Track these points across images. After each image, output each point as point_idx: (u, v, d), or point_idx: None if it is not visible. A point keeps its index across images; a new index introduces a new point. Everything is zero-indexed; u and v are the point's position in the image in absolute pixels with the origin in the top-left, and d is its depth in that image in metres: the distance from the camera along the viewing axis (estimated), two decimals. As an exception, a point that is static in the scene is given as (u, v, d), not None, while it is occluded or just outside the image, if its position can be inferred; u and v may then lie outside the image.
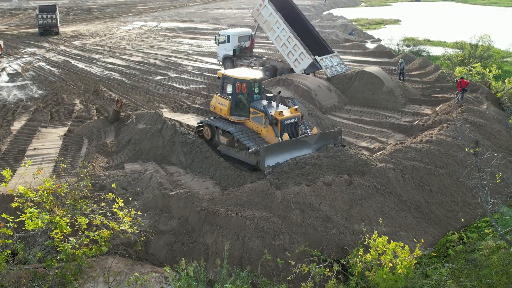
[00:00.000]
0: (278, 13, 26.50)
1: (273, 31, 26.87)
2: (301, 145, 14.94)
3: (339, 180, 13.79)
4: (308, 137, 15.26)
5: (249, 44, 30.92)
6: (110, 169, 15.52)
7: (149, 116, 17.80)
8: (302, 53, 25.59)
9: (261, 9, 27.18)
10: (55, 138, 18.48)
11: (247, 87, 16.38)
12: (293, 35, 25.89)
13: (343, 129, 19.55)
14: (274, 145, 14.58)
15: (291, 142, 14.78)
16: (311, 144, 15.15)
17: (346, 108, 22.39)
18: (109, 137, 18.04)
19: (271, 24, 26.93)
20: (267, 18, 27.07)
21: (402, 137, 18.82)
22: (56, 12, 51.28)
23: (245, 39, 30.80)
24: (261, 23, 27.80)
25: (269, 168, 14.17)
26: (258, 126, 15.99)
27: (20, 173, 15.32)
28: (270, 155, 14.18)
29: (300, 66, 25.89)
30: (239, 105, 16.71)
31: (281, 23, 26.29)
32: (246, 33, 31.38)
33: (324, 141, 15.46)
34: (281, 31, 26.38)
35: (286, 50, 26.42)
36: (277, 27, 26.60)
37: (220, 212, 12.50)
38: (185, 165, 15.84)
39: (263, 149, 14.10)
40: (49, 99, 24.54)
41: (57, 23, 50.84)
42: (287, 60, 26.91)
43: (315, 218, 12.62)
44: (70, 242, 10.41)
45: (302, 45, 25.58)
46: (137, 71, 31.59)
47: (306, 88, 21.94)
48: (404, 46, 43.17)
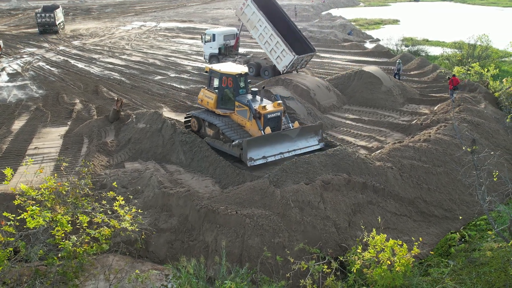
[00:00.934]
0: (260, 11, 27.20)
1: (256, 29, 27.62)
2: (283, 139, 15.61)
3: (338, 179, 13.91)
4: (290, 131, 15.95)
5: (234, 43, 31.81)
6: (110, 168, 15.63)
7: (149, 116, 17.91)
8: (284, 50, 26.30)
9: (244, 8, 27.95)
10: (55, 138, 18.58)
11: (233, 81, 16.89)
12: (275, 32, 26.59)
13: (342, 128, 19.78)
14: (256, 138, 15.23)
15: (273, 135, 15.48)
16: (292, 138, 15.82)
17: (345, 108, 22.51)
18: (109, 137, 18.14)
19: (254, 23, 27.67)
20: (250, 16, 27.76)
21: (401, 136, 18.94)
22: (55, 12, 51.83)
23: (230, 38, 31.84)
24: (244, 21, 28.58)
25: (251, 160, 14.82)
26: (242, 120, 16.51)
27: (21, 172, 15.44)
28: (252, 148, 14.84)
29: (282, 62, 26.61)
30: (225, 98, 17.19)
31: (264, 21, 27.00)
32: (231, 32, 32.49)
33: (305, 135, 16.13)
34: (264, 29, 27.13)
35: (269, 47, 27.15)
36: (260, 25, 27.32)
37: (219, 210, 12.60)
38: (185, 164, 15.95)
39: (246, 142, 14.75)
40: (49, 99, 24.63)
41: (55, 21, 51.50)
42: (270, 57, 27.65)
43: (314, 216, 12.73)
44: (71, 240, 10.50)
45: (284, 42, 26.27)
46: (137, 71, 31.68)
47: (305, 88, 22.06)
48: (403, 46, 43.30)
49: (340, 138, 18.40)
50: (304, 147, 16.09)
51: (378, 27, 66.08)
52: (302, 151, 15.96)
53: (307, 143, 16.23)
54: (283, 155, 15.57)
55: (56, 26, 52.04)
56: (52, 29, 51.92)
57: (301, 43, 28.19)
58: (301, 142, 16.06)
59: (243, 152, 15.02)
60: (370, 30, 61.93)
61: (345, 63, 34.16)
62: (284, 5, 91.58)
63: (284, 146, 15.59)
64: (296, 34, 28.66)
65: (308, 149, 16.12)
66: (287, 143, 15.68)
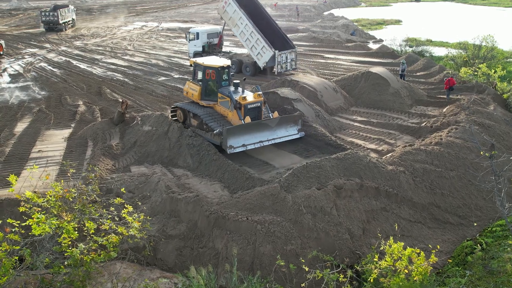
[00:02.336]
0: (241, 9, 28.27)
1: (238, 27, 28.69)
2: (262, 128, 16.35)
3: (350, 184, 13.59)
4: (269, 120, 16.65)
5: (218, 41, 32.97)
6: (116, 172, 15.28)
7: (155, 118, 17.57)
8: (264, 47, 27.54)
9: (226, 6, 28.93)
10: (59, 140, 18.23)
11: (216, 74, 17.54)
12: (255, 30, 27.66)
13: (350, 131, 19.44)
14: (236, 127, 15.91)
15: (252, 124, 16.16)
16: (272, 127, 16.57)
17: (352, 110, 22.17)
18: (114, 139, 17.79)
19: (235, 21, 28.72)
20: (232, 14, 28.83)
21: (411, 139, 18.60)
22: (59, 11, 52.90)
23: (214, 36, 32.98)
24: (226, 19, 29.59)
25: (231, 147, 15.54)
26: (225, 110, 17.20)
27: (25, 176, 15.11)
28: (232, 136, 15.55)
29: (263, 59, 27.92)
30: (208, 90, 17.89)
31: (245, 19, 28.05)
32: (214, 30, 33.89)
33: (285, 125, 16.89)
34: (245, 27, 28.22)
35: (250, 44, 28.34)
36: (241, 23, 28.41)
37: (230, 216, 12.27)
38: (192, 168, 15.60)
39: (225, 130, 15.45)
40: (51, 100, 24.28)
41: (59, 20, 52.84)
42: (251, 53, 28.74)
43: (327, 223, 12.41)
44: (79, 247, 10.17)
45: (263, 39, 27.42)
46: (140, 72, 31.34)
47: (311, 89, 21.71)
48: (407, 47, 42.95)
49: (349, 141, 18.05)
50: (283, 136, 16.82)
51: (381, 28, 65.81)
52: (282, 140, 16.83)
53: (286, 132, 16.94)
54: (263, 143, 16.29)
55: (60, 24, 53.34)
56: (57, 28, 53.31)
57: (281, 40, 29.22)
58: (280, 131, 16.77)
59: (223, 140, 15.59)
60: (373, 30, 61.63)
61: (350, 63, 33.82)
62: (285, 5, 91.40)
63: (263, 135, 16.32)
64: (276, 31, 29.71)
65: (287, 138, 16.95)
66: (266, 132, 16.41)
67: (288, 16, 72.32)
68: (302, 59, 35.71)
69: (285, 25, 57.85)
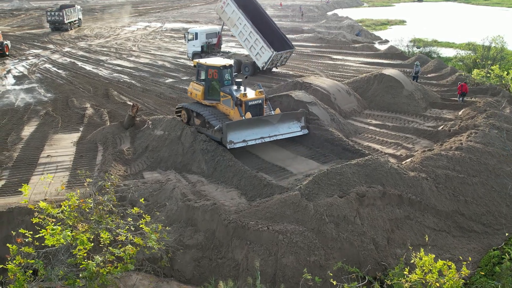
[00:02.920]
0: (240, 10, 28.17)
1: (236, 27, 28.60)
2: (263, 124, 16.36)
3: (373, 191, 13.10)
4: (270, 116, 16.71)
5: (216, 41, 32.86)
6: (128, 178, 14.81)
7: (167, 122, 17.10)
8: (263, 47, 27.50)
9: (225, 6, 28.90)
10: (68, 145, 17.77)
11: (218, 73, 17.73)
12: (254, 30, 27.59)
13: (366, 135, 18.96)
14: (236, 122, 16.03)
15: (253, 120, 16.18)
16: (273, 124, 16.57)
17: (366, 113, 21.68)
18: (124, 144, 17.33)
19: (234, 21, 28.64)
20: (230, 15, 28.75)
21: (428, 143, 18.11)
22: (64, 11, 53.63)
23: (212, 36, 32.86)
24: (225, 20, 29.52)
25: (232, 143, 15.52)
26: (227, 109, 17.25)
27: (35, 183, 14.65)
28: (232, 131, 15.59)
29: (262, 59, 27.83)
30: (211, 90, 17.98)
31: (243, 19, 27.96)
32: (213, 30, 33.79)
33: (287, 121, 16.87)
34: (244, 27, 28.17)
35: (248, 44, 28.28)
36: (239, 23, 28.32)
37: (250, 225, 11.81)
38: (207, 174, 15.12)
39: (225, 125, 15.51)
40: (58, 103, 23.83)
41: (64, 20, 53.53)
42: (250, 53, 28.64)
43: (351, 232, 11.94)
44: (95, 260, 9.69)
45: (262, 39, 27.34)
46: (146, 74, 30.88)
47: (325, 92, 21.23)
48: (414, 48, 42.47)
49: (366, 146, 17.57)
50: (285, 132, 16.80)
51: (385, 28, 65.38)
52: (284, 137, 16.80)
53: (289, 129, 16.92)
54: (264, 139, 16.30)
55: (66, 24, 54.12)
56: (62, 27, 54.06)
57: (279, 40, 29.13)
58: (282, 128, 16.74)
59: (223, 135, 15.57)
60: (377, 31, 61.17)
61: (359, 65, 33.34)
62: (288, 6, 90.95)
63: (265, 131, 16.31)
64: (275, 31, 29.59)
65: (290, 135, 16.94)
66: (268, 128, 16.40)
67: (292, 16, 71.86)
68: (310, 60, 35.28)
69: (289, 26, 57.42)
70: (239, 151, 16.65)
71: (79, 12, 59.38)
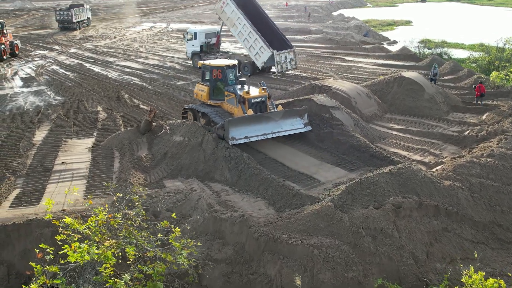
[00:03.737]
0: (239, 10, 28.25)
1: (236, 27, 28.65)
2: (266, 120, 16.43)
3: (409, 202, 12.46)
4: (273, 113, 16.78)
5: (216, 41, 32.90)
6: (149, 187, 14.15)
7: (186, 128, 16.44)
8: (262, 47, 27.55)
9: (224, 6, 29.02)
10: (82, 151, 17.13)
11: (222, 73, 18.00)
12: (253, 30, 27.64)
13: (390, 140, 18.31)
14: (237, 118, 16.20)
15: (255, 116, 16.28)
16: (276, 120, 16.63)
17: (387, 117, 21.03)
18: (142, 150, 16.69)
19: (233, 21, 28.68)
20: (230, 15, 28.83)
21: (456, 149, 17.46)
22: (72, 10, 54.53)
23: (212, 36, 32.95)
24: (224, 19, 29.67)
25: (233, 139, 15.51)
26: (231, 107, 17.53)
27: (51, 191, 14.02)
28: (234, 127, 15.61)
29: (261, 59, 27.94)
30: (216, 90, 18.24)
31: (243, 19, 27.99)
32: (212, 30, 33.96)
33: (290, 118, 16.95)
34: (243, 27, 28.19)
35: (248, 44, 28.34)
36: (239, 23, 28.36)
37: (282, 239, 11.16)
38: (231, 182, 14.46)
39: (227, 121, 15.57)
40: (69, 106, 23.18)
41: (73, 19, 54.50)
42: (249, 53, 28.73)
43: (389, 246, 11.30)
44: (123, 278, 9.06)
45: (261, 39, 27.41)
46: (157, 75, 30.24)
47: (345, 96, 20.58)
48: (425, 49, 41.82)
49: (392, 152, 16.90)
50: (288, 129, 16.85)
51: (392, 29, 64.84)
52: (287, 133, 16.86)
53: (292, 126, 16.96)
54: (266, 135, 16.36)
55: (75, 23, 54.92)
56: (71, 26, 55.07)
57: (279, 40, 29.11)
58: (285, 124, 16.81)
59: (225, 132, 15.59)
60: (384, 31, 60.60)
61: (372, 67, 32.70)
62: (292, 6, 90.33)
63: (267, 127, 16.39)
64: (274, 31, 29.59)
65: (293, 131, 16.99)
66: (271, 125, 16.47)
67: (297, 17, 71.21)
68: (322, 62, 34.65)
69: (296, 26, 56.82)
70: (261, 158, 16.03)
71: (88, 11, 60.00)
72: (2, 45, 36.34)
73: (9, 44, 37.75)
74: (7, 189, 14.09)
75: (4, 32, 37.73)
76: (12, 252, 11.70)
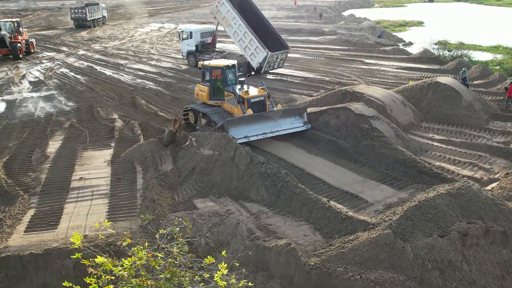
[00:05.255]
0: (235, 9, 28.02)
1: (231, 27, 28.41)
2: (265, 120, 16.63)
3: (475, 228, 11.03)
4: (271, 112, 17.02)
5: (211, 40, 32.63)
6: (178, 208, 12.75)
7: (215, 140, 15.03)
8: (258, 47, 27.35)
9: (220, 6, 28.71)
10: (101, 164, 15.76)
11: (222, 73, 18.18)
12: (248, 30, 27.37)
13: (433, 153, 16.88)
14: (236, 118, 16.41)
15: (254, 116, 16.50)
16: (275, 120, 16.83)
17: (424, 126, 19.59)
18: (166, 164, 15.31)
19: (229, 21, 28.42)
20: (225, 14, 28.58)
21: (506, 163, 15.99)
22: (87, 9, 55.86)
23: (207, 35, 32.69)
24: (219, 19, 29.34)
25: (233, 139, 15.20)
26: (231, 107, 17.66)
27: (69, 212, 12.65)
28: (233, 127, 15.85)
29: (256, 59, 27.67)
30: (216, 90, 18.37)
31: (238, 19, 27.78)
32: (208, 29, 33.61)
33: (289, 117, 17.12)
34: (238, 27, 27.96)
35: (243, 44, 28.12)
36: (234, 23, 28.13)
37: (337, 272, 9.79)
38: (269, 203, 13.04)
39: (226, 122, 15.91)
40: (82, 113, 21.80)
41: (87, 17, 55.78)
42: (244, 54, 28.46)
43: (459, 281, 9.91)
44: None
45: (257, 39, 27.15)
46: (172, 79, 28.85)
47: (380, 103, 19.17)
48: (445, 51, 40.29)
49: (438, 166, 15.47)
50: (287, 128, 16.98)
51: (404, 29, 63.35)
52: (286, 132, 16.97)
53: (291, 125, 17.10)
54: (266, 135, 16.53)
55: (89, 21, 56.20)
56: (85, 24, 56.22)
57: (275, 40, 28.91)
58: (284, 123, 16.98)
59: (225, 132, 15.64)
60: (397, 32, 59.13)
61: (396, 70, 31.23)
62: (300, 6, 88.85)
63: (266, 126, 16.57)
64: (270, 32, 29.35)
65: (292, 130, 17.06)
66: (270, 124, 16.66)
67: (308, 17, 69.77)
68: (342, 65, 33.22)
69: (308, 27, 55.47)
70: (299, 174, 14.64)
71: (103, 10, 61.18)
72: (18, 44, 36.45)
73: (25, 42, 38.06)
74: (21, 209, 12.74)
75: (20, 30, 38.32)
76: (30, 286, 10.35)
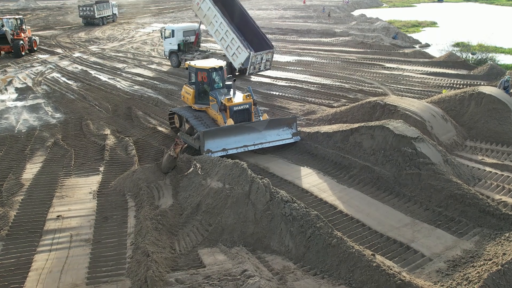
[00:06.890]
0: (216, 7, 26.85)
1: (212, 25, 27.23)
2: (248, 131, 15.16)
3: None
4: (255, 123, 15.50)
5: (194, 39, 31.37)
6: (179, 264, 9.85)
7: (226, 169, 12.11)
8: (239, 47, 26.17)
9: (201, 3, 27.49)
10: (85, 197, 12.88)
11: (207, 76, 16.76)
12: (230, 29, 26.23)
13: (488, 182, 13.88)
14: (214, 129, 14.97)
15: (234, 127, 15.01)
16: (259, 131, 15.35)
17: (469, 145, 16.63)
18: (165, 197, 12.42)
19: (210, 18, 27.24)
20: (206, 12, 27.36)
21: None
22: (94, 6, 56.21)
23: (190, 34, 31.34)
24: (201, 17, 28.17)
25: (209, 152, 14.36)
26: (215, 114, 16.31)
27: (39, 267, 9.80)
28: (209, 139, 14.54)
29: (238, 59, 26.46)
30: (201, 93, 17.09)
31: (219, 17, 26.62)
32: (191, 28, 32.08)
33: (276, 128, 15.65)
34: (220, 25, 26.75)
35: (225, 44, 26.84)
36: (215, 21, 26.93)
37: None
38: (295, 255, 10.11)
39: (202, 133, 14.53)
40: (70, 127, 18.93)
41: (95, 15, 56.02)
42: (226, 53, 27.25)
43: None
44: None
45: (239, 39, 26.06)
46: (174, 86, 25.96)
47: (418, 119, 16.25)
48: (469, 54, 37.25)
49: (498, 200, 12.52)
50: (273, 140, 15.61)
51: (418, 30, 60.32)
52: (272, 144, 15.59)
53: (278, 136, 15.75)
54: (248, 147, 15.18)
55: (97, 19, 56.58)
56: (93, 22, 56.86)
57: (259, 40, 27.74)
58: (270, 135, 15.61)
59: (200, 144, 14.62)
60: (410, 33, 56.10)
61: (421, 76, 28.23)
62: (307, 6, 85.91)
63: (249, 138, 15.21)
64: (255, 31, 28.15)
65: (279, 142, 15.73)
66: (253, 136, 15.28)
67: (317, 17, 66.79)
68: (361, 69, 30.24)
69: (319, 28, 52.53)
70: (330, 213, 11.73)
71: (113, 7, 60.87)
72: (21, 41, 36.08)
73: (28, 40, 37.64)
74: (-23, 262, 9.87)
75: (23, 28, 37.82)
76: None
